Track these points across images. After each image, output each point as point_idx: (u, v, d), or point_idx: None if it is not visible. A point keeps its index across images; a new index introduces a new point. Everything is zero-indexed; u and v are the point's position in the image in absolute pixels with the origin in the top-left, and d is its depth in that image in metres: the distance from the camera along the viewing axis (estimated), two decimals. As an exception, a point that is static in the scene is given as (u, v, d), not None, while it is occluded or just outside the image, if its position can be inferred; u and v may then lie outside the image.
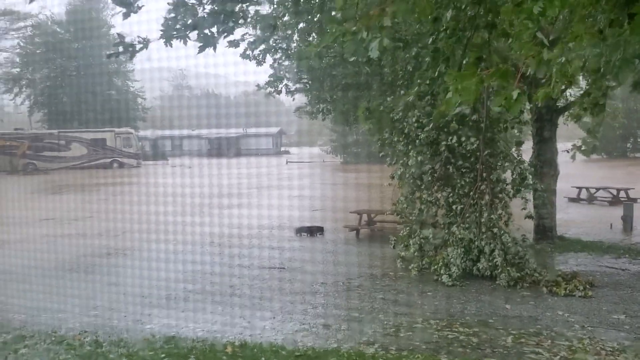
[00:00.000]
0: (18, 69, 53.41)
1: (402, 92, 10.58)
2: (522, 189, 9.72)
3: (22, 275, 10.57)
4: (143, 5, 6.00)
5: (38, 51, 52.15)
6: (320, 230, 14.45)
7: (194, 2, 6.25)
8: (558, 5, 3.60)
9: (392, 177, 10.71)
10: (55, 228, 15.95)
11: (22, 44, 52.68)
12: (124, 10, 5.80)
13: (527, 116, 11.94)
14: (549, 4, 3.56)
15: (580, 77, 10.37)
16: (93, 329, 7.26)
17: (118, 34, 6.27)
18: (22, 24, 51.02)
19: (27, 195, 25.61)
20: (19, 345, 6.66)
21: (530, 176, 10.00)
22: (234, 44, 6.41)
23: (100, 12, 53.75)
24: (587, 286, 8.67)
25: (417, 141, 9.98)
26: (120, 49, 6.18)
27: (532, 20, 3.66)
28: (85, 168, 42.00)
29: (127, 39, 6.28)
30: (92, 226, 16.32)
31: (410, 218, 10.24)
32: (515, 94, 3.49)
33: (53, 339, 6.90)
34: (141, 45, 6.14)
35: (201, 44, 6.03)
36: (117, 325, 7.51)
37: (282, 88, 15.22)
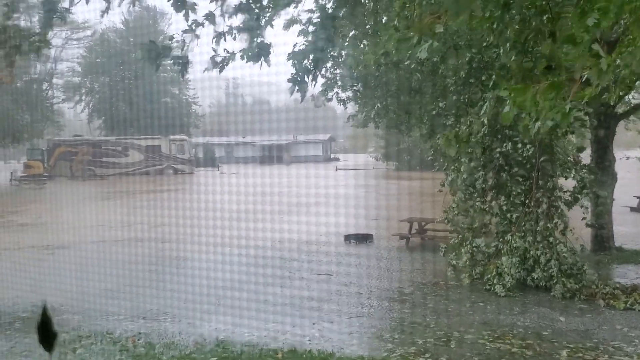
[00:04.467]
0: (79, 78, 55.29)
1: (454, 97, 10.43)
2: (582, 197, 9.42)
3: (83, 279, 10.90)
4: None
5: (97, 60, 53.90)
6: (369, 237, 14.36)
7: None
8: (612, 17, 3.49)
9: (443, 185, 10.54)
10: (115, 232, 16.39)
11: (82, 53, 54.56)
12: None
13: (587, 121, 11.51)
14: (604, 15, 3.46)
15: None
16: (147, 331, 7.41)
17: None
18: (82, 34, 52.86)
19: (88, 201, 26.42)
20: (76, 345, 6.86)
21: (590, 184, 9.68)
22: (295, 55, 6.47)
23: (157, 21, 55.17)
24: (649, 300, 8.32)
25: (470, 148, 9.80)
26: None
27: (588, 32, 3.57)
28: (142, 174, 42.91)
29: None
30: (144, 231, 16.70)
31: (462, 226, 10.05)
32: (567, 108, 3.43)
33: (108, 340, 7.07)
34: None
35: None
36: (170, 327, 7.65)
37: (332, 96, 15.24)
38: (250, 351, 6.51)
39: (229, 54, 6.38)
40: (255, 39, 6.29)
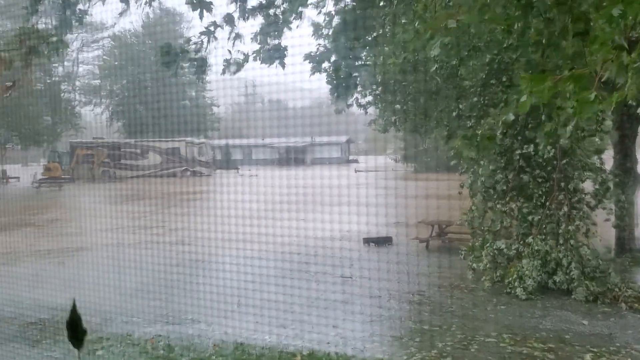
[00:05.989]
0: (98, 81, 55.84)
1: (474, 99, 10.33)
2: (605, 199, 9.28)
3: (102, 282, 10.97)
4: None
5: (116, 63, 54.39)
6: (389, 240, 14.28)
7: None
8: (638, 8, 3.42)
9: (462, 186, 10.42)
10: (135, 234, 16.51)
11: (101, 56, 55.09)
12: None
13: (609, 123, 11.35)
14: (629, 7, 3.40)
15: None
16: (166, 334, 7.44)
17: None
18: (100, 35, 53.34)
19: (108, 203, 26.64)
20: (96, 347, 6.91)
21: (613, 186, 9.54)
22: (311, 57, 6.48)
23: (178, 24, 55.49)
24: (673, 304, 8.17)
25: (491, 149, 9.68)
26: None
27: (612, 23, 3.49)
28: (161, 176, 42.95)
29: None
30: (162, 234, 16.80)
31: (482, 229, 9.94)
32: (592, 96, 3.34)
33: (128, 342, 7.11)
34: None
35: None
36: (188, 330, 7.67)
37: (352, 102, 15.22)
38: (269, 354, 6.50)
39: (244, 56, 6.39)
40: (268, 41, 6.30)
